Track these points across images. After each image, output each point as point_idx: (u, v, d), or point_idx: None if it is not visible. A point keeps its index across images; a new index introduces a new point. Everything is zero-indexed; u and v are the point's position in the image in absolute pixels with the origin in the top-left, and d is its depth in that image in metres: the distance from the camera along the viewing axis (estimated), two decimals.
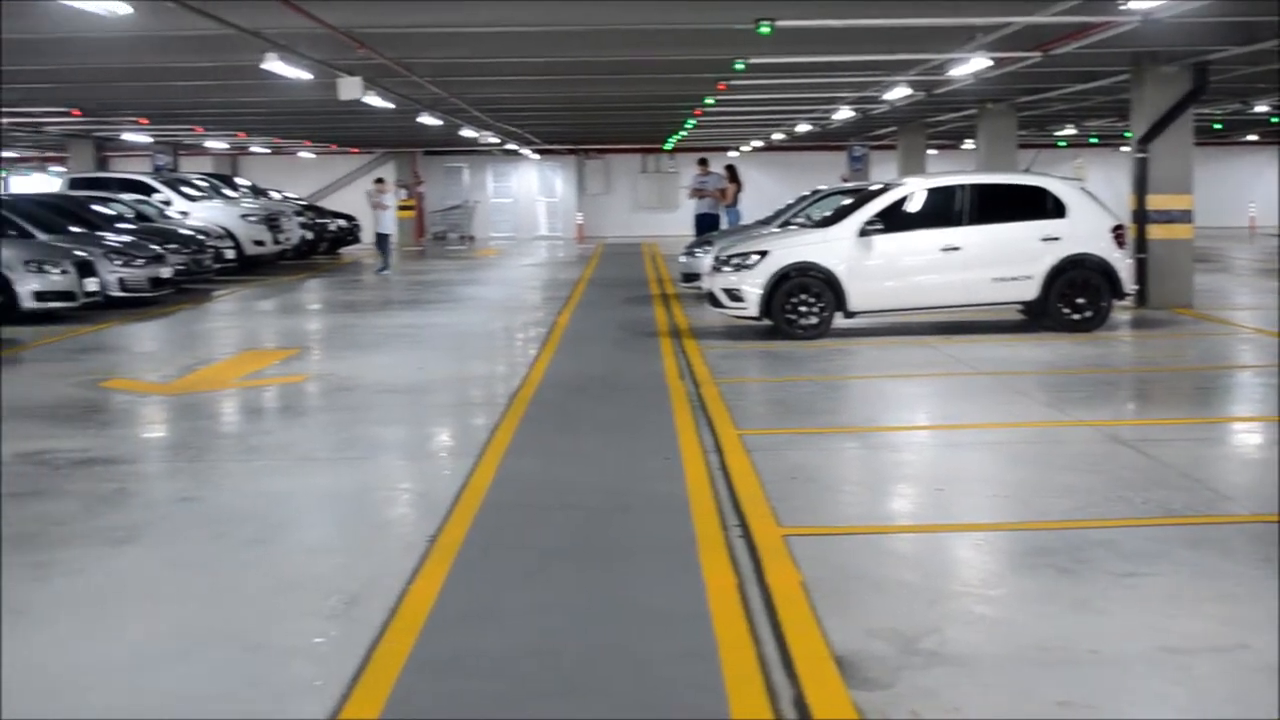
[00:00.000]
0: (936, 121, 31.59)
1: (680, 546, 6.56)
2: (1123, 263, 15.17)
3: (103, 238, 20.19)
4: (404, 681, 4.88)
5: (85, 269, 18.18)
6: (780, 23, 12.76)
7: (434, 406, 11.22)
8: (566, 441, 9.48)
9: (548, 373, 12.78)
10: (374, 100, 19.24)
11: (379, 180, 29.67)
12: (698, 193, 25.39)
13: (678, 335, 15.50)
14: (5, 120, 26.64)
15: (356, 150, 45.43)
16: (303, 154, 44.82)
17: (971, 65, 17.13)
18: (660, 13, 13.96)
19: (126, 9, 9.92)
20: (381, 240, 28.20)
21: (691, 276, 19.92)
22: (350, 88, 16.48)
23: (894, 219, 14.83)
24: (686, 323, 16.79)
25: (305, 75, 15.54)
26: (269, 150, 43.28)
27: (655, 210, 47.19)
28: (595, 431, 9.84)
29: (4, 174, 52.67)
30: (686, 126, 33.40)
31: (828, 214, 16.92)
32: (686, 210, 29.92)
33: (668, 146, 44.64)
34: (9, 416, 10.53)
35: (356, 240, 35.36)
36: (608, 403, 11.11)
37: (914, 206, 14.99)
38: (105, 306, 18.81)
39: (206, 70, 18.20)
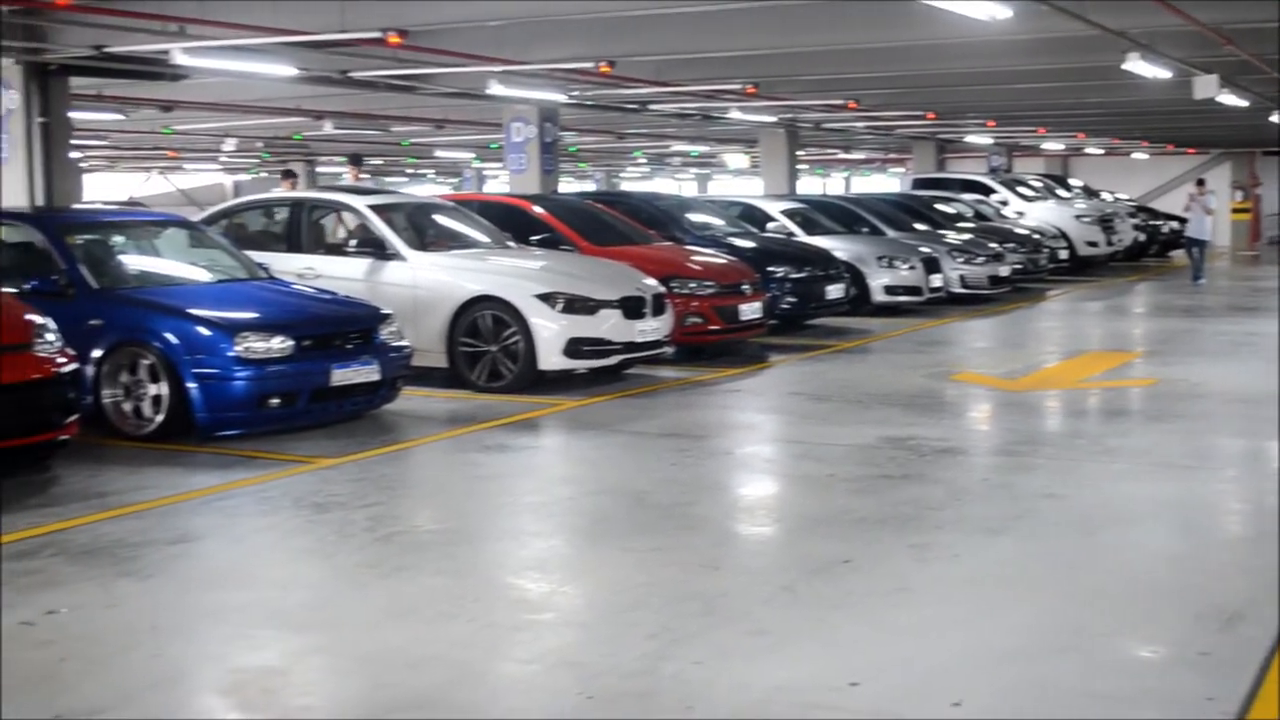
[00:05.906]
0: None
1: None
2: None
3: (944, 235, 21.01)
4: None
5: (930, 265, 19.00)
6: None
7: None
8: None
9: None
10: (1227, 99, 18.55)
11: (1200, 181, 28.15)
12: None
13: None
14: (860, 124, 28.33)
15: (1192, 150, 43.90)
16: (1136, 155, 43.95)
17: None
18: None
19: (1008, 12, 10.21)
20: (1195, 246, 25.90)
21: None
22: (1206, 86, 16.06)
23: None
24: None
25: (1163, 74, 15.23)
26: (1101, 151, 42.85)
27: None
28: None
29: (847, 174, 56.22)
30: None
31: None
32: None
33: None
34: (871, 403, 11.23)
35: None
36: None
37: None
38: (945, 302, 19.52)
39: (1060, 72, 18.36)
